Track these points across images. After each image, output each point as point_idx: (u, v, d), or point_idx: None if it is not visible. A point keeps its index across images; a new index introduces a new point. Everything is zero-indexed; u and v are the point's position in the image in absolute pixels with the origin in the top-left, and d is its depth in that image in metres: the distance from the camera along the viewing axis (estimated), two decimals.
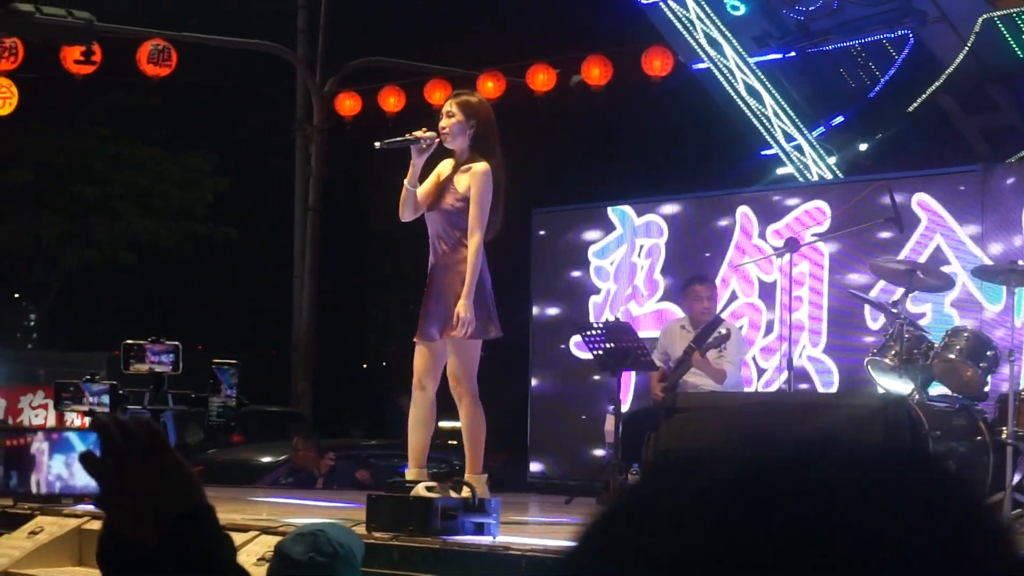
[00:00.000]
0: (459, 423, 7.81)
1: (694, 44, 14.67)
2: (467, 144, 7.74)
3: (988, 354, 8.91)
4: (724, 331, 10.31)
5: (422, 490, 7.28)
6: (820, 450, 0.94)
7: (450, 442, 15.12)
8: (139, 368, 7.54)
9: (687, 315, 10.97)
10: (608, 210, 13.93)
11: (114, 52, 17.27)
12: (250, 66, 22.97)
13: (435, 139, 7.69)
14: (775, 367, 12.21)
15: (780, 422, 8.53)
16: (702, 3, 14.46)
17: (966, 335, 9.05)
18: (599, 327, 10.42)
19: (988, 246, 11.09)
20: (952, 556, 0.90)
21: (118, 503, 1.78)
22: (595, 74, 17.22)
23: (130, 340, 7.58)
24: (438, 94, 17.49)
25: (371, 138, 7.90)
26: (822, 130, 14.66)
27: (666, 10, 14.65)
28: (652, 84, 16.83)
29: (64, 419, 9.70)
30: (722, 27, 14.49)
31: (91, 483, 1.78)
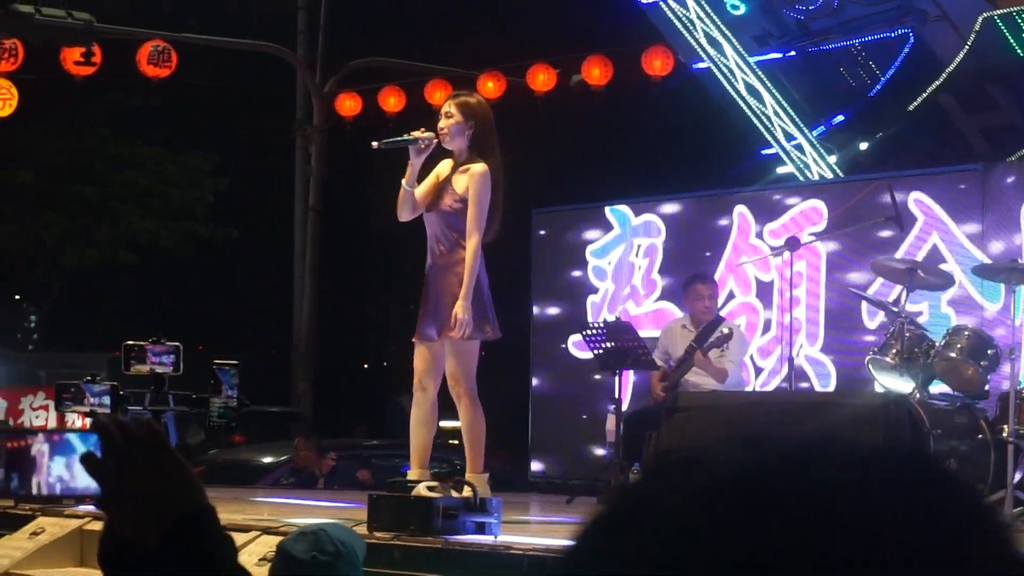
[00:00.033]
0: (459, 423, 7.81)
1: (694, 44, 14.67)
2: (466, 145, 7.73)
3: (989, 352, 8.91)
4: (726, 330, 10.30)
5: (423, 490, 7.28)
6: (819, 450, 0.94)
7: (451, 442, 15.12)
8: (140, 369, 7.54)
9: (688, 314, 10.94)
10: (606, 210, 13.93)
11: (114, 53, 17.26)
12: (250, 67, 22.97)
13: (433, 139, 7.68)
14: (772, 366, 12.21)
15: (781, 421, 8.54)
16: (702, 3, 14.46)
17: (967, 333, 9.05)
18: (600, 326, 10.41)
19: (988, 245, 11.08)
20: (951, 556, 0.90)
21: (119, 504, 1.78)
22: (595, 74, 17.21)
23: (131, 341, 7.58)
24: (438, 94, 17.47)
25: (371, 138, 7.89)
26: (822, 129, 14.66)
27: (666, 10, 14.65)
28: (652, 84, 16.82)
29: (65, 420, 9.70)
30: (722, 26, 14.49)
31: (92, 484, 1.78)
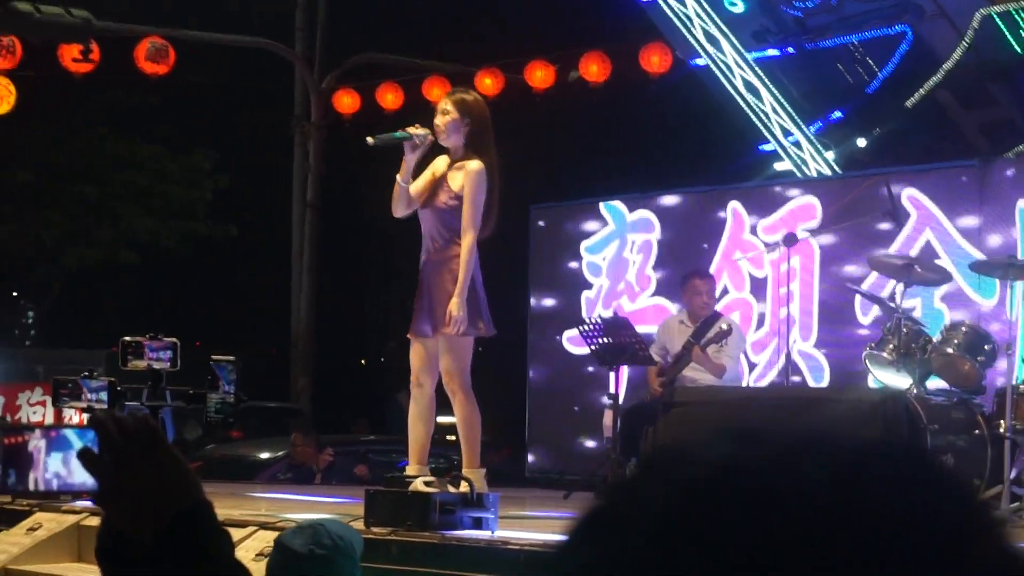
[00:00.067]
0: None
1: (692, 40, 14.67)
2: (462, 142, 7.74)
3: (986, 348, 8.93)
4: (725, 326, 10.31)
5: (420, 485, 7.29)
6: (809, 445, 0.92)
7: (448, 438, 15.12)
8: (137, 365, 7.54)
9: (686, 309, 10.94)
10: (600, 206, 13.93)
11: (113, 50, 17.25)
12: (248, 63, 22.95)
13: (428, 136, 7.68)
14: (766, 361, 12.22)
15: (778, 417, 8.54)
16: (700, 0, 14.48)
17: (964, 329, 9.07)
18: (598, 322, 10.42)
19: (985, 241, 11.09)
20: (945, 554, 0.88)
21: (116, 500, 1.79)
22: (593, 70, 17.20)
23: (128, 337, 7.58)
24: (436, 91, 17.45)
25: (369, 135, 7.90)
26: (820, 126, 14.67)
27: (664, 6, 14.65)
28: (650, 80, 16.81)
29: (63, 415, 9.70)
30: (720, 23, 14.49)
31: (89, 480, 1.79)
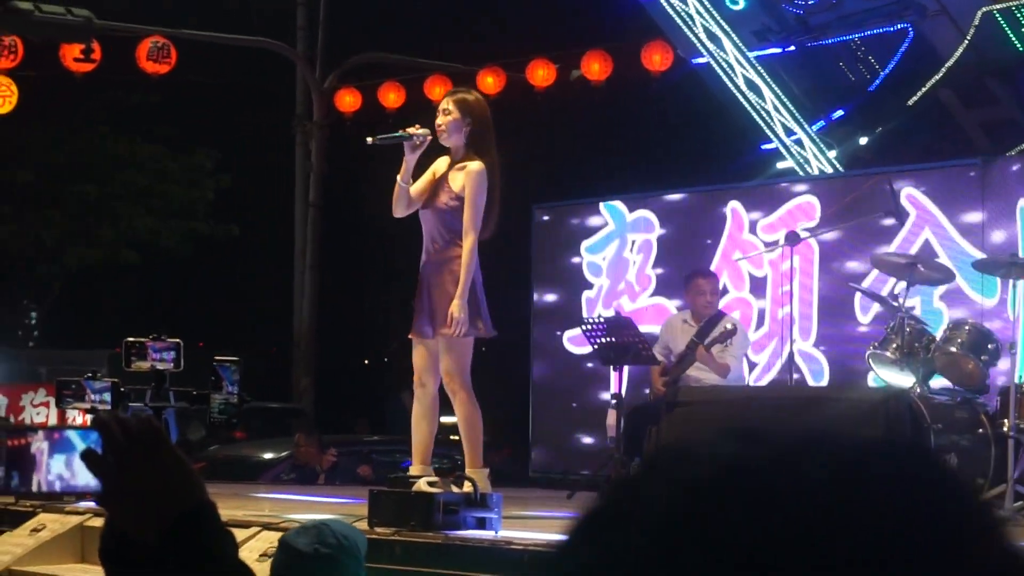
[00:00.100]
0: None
1: (693, 39, 14.67)
2: (463, 142, 7.72)
3: (989, 347, 8.92)
4: (730, 326, 10.30)
5: (424, 485, 7.28)
6: (811, 445, 0.92)
7: (452, 438, 15.12)
8: (140, 365, 7.53)
9: (689, 309, 10.93)
10: (600, 205, 13.92)
11: (114, 50, 17.25)
12: (250, 63, 22.95)
13: (427, 136, 7.67)
14: (766, 361, 12.21)
15: (782, 416, 8.53)
16: None
17: (967, 328, 9.06)
18: (600, 321, 10.42)
19: (988, 240, 11.08)
20: (948, 554, 0.87)
21: (120, 501, 1.79)
22: (595, 69, 17.19)
23: (131, 338, 7.58)
24: (438, 90, 17.45)
25: (371, 134, 7.88)
26: (822, 124, 14.67)
27: (665, 5, 14.65)
28: (652, 79, 16.80)
29: (66, 416, 9.70)
30: (721, 22, 14.49)
31: (92, 481, 1.78)
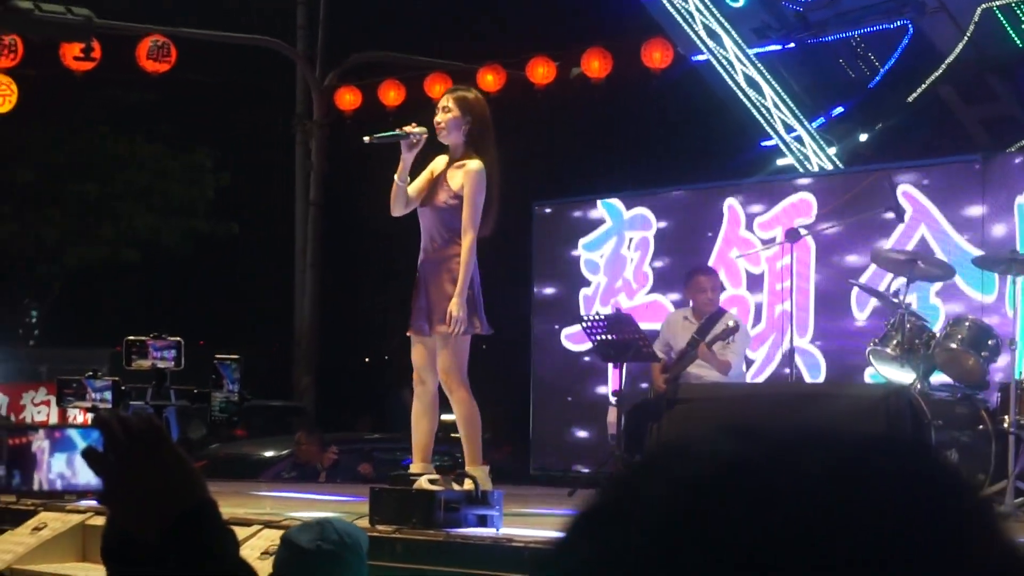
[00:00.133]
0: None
1: (693, 36, 14.67)
2: (462, 140, 7.71)
3: (989, 343, 8.92)
4: (732, 324, 10.29)
5: (425, 483, 7.29)
6: (810, 441, 0.91)
7: (453, 435, 15.12)
8: (141, 364, 7.54)
9: (690, 306, 10.93)
10: (598, 203, 13.92)
11: (113, 48, 17.25)
12: (250, 61, 22.94)
13: (424, 135, 7.66)
14: (763, 357, 12.22)
15: (782, 413, 8.54)
16: None
17: (967, 324, 9.06)
18: (600, 318, 10.42)
19: (988, 236, 11.08)
20: (948, 552, 0.87)
21: (121, 499, 1.79)
22: (595, 67, 17.19)
23: (132, 336, 7.59)
24: (438, 88, 17.44)
25: (370, 133, 7.88)
26: (822, 121, 14.67)
27: (665, 2, 14.65)
28: (652, 76, 16.80)
29: (67, 415, 9.72)
30: (721, 19, 14.49)
31: (93, 480, 1.79)
